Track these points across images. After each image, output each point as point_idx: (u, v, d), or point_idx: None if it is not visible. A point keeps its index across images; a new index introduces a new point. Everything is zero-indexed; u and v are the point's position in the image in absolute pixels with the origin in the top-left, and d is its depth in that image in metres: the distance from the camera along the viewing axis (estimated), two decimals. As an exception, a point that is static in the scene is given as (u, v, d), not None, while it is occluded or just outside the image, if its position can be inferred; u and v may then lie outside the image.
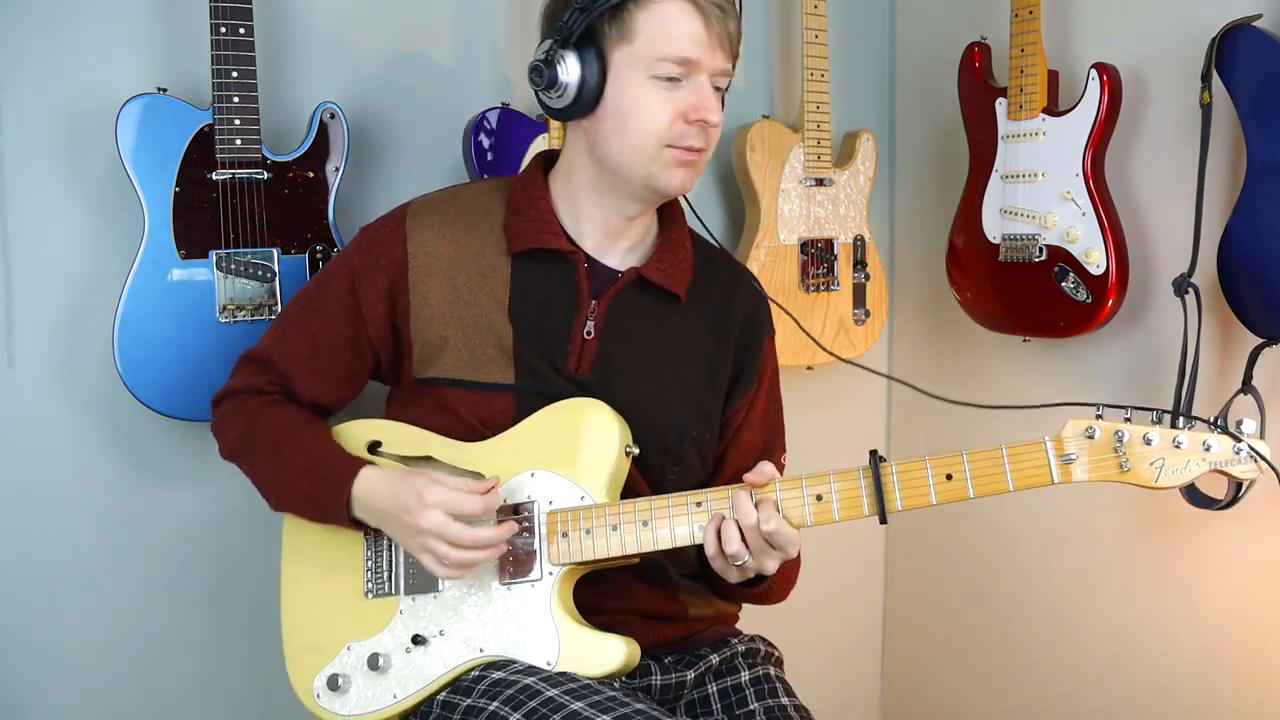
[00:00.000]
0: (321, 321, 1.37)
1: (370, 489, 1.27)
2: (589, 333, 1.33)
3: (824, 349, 1.46)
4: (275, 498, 1.37)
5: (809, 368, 2.10)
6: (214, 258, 1.55)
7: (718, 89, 1.31)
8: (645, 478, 1.33)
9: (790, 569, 1.37)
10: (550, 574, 1.26)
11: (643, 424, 1.32)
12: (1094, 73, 1.80)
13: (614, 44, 1.26)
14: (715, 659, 1.38)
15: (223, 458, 1.42)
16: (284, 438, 1.34)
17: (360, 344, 1.37)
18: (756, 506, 1.21)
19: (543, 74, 1.28)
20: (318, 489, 1.30)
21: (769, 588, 1.35)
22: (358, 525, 1.30)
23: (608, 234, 1.37)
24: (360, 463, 1.29)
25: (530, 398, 1.31)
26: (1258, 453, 1.16)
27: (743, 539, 1.22)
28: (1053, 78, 1.90)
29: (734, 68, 1.33)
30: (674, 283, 1.37)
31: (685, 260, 1.40)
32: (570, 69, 1.27)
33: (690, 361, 1.38)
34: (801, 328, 1.46)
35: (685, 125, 1.28)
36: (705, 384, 1.38)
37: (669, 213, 1.43)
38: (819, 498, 1.22)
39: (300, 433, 1.34)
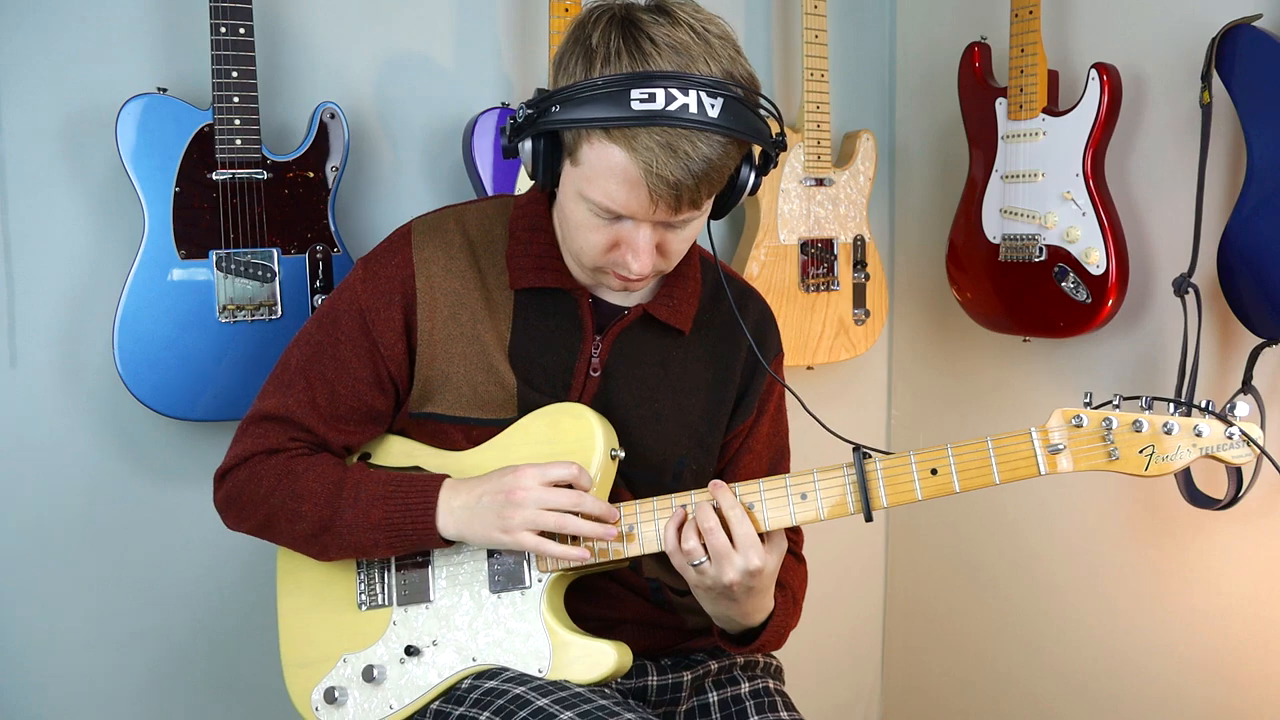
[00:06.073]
0: (335, 367, 1.29)
1: (454, 488, 1.24)
2: (594, 369, 1.30)
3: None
4: (337, 544, 1.27)
5: (809, 368, 2.10)
6: (214, 258, 1.55)
7: (675, 224, 1.17)
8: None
9: (782, 614, 1.31)
10: (539, 581, 1.25)
11: (641, 460, 1.30)
12: (1094, 73, 1.80)
13: (566, 154, 1.16)
14: (713, 665, 1.37)
15: (242, 530, 1.33)
16: (338, 480, 1.26)
17: (383, 382, 1.30)
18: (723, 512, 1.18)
19: (505, 136, 1.20)
20: (398, 512, 1.24)
21: (757, 640, 1.31)
22: (444, 542, 1.25)
23: None
24: (440, 477, 1.25)
25: None
26: (1249, 437, 1.11)
27: (703, 542, 1.18)
28: (1053, 78, 1.90)
29: (705, 211, 1.19)
30: (680, 318, 1.32)
31: (693, 292, 1.34)
32: (525, 152, 1.18)
33: (692, 393, 1.34)
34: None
35: (619, 254, 1.19)
36: (706, 416, 1.35)
37: None
38: (803, 496, 1.20)
39: (352, 472, 1.27)
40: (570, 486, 1.21)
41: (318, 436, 1.31)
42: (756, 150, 1.19)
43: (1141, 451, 1.13)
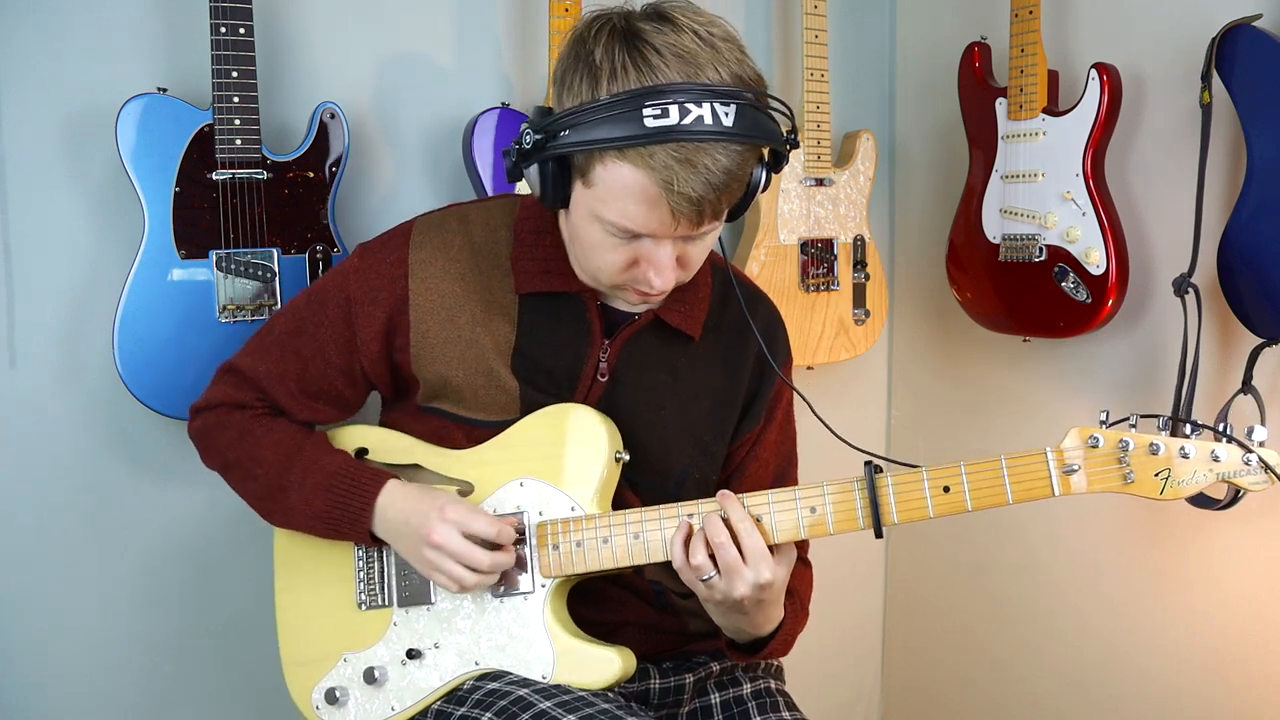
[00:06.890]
0: (313, 346, 1.31)
1: (392, 497, 1.24)
2: (602, 374, 1.28)
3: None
4: (281, 516, 1.31)
5: (809, 368, 2.10)
6: (214, 258, 1.55)
7: (694, 236, 1.15)
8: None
9: (791, 621, 1.30)
10: (542, 586, 1.24)
11: (645, 466, 1.29)
12: (1094, 73, 1.80)
13: (577, 175, 1.13)
14: (715, 666, 1.37)
15: (208, 467, 1.38)
16: (291, 455, 1.28)
17: (353, 373, 1.32)
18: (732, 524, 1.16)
19: (511, 160, 1.17)
20: (336, 509, 1.25)
21: (765, 648, 1.29)
22: (374, 541, 1.27)
23: None
24: (384, 477, 1.26)
25: None
26: (1268, 464, 1.10)
27: (712, 556, 1.17)
28: (1053, 78, 1.90)
29: (724, 220, 1.16)
30: (691, 323, 1.30)
31: (704, 297, 1.33)
32: (532, 176, 1.15)
33: (698, 400, 1.32)
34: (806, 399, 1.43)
35: (640, 271, 1.17)
36: (711, 424, 1.33)
37: None
38: (813, 510, 1.18)
39: (307, 449, 1.29)
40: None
41: (279, 406, 1.34)
42: (766, 150, 1.17)
43: (1157, 475, 1.12)
